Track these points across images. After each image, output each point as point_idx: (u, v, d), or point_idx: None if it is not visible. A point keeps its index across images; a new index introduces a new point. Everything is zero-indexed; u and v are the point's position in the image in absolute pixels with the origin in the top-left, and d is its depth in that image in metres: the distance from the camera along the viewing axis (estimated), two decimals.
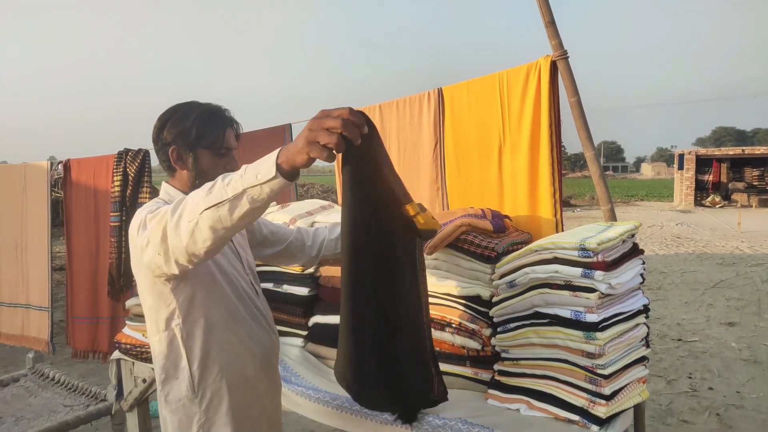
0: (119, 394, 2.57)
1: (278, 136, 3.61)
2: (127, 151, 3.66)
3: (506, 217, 2.23)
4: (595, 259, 1.58)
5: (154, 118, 1.56)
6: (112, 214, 3.63)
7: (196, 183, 1.51)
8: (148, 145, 3.50)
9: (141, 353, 2.35)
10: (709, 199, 21.43)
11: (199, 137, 1.49)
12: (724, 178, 21.91)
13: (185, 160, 1.52)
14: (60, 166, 4.20)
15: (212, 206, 1.10)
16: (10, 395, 3.27)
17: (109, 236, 3.67)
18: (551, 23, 2.10)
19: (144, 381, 2.43)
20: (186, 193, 1.51)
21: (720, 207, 20.72)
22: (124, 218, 3.60)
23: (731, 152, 22.12)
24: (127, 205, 3.59)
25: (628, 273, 1.70)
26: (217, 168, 1.52)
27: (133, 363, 2.48)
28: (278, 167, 1.06)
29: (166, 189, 1.57)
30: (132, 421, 2.58)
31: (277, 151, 1.08)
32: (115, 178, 3.64)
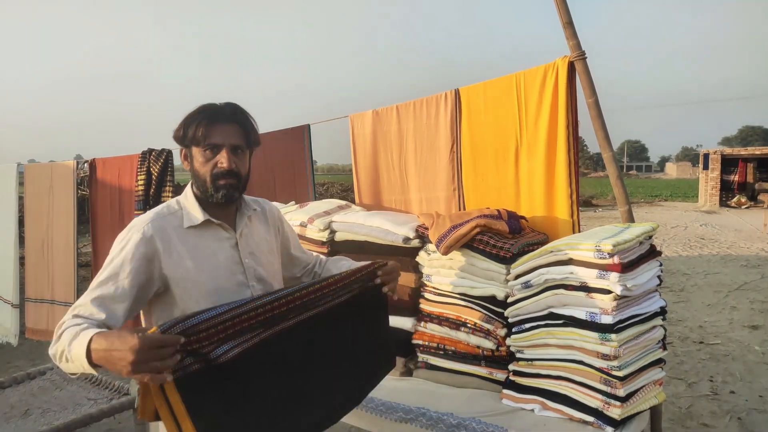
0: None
1: (297, 136, 3.65)
2: (150, 150, 3.75)
3: (522, 217, 2.23)
4: (611, 261, 1.58)
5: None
6: (136, 212, 3.73)
7: (194, 183, 1.53)
8: (171, 144, 3.57)
9: None
10: (735, 199, 20.96)
11: (185, 135, 1.50)
12: (750, 179, 21.39)
13: (188, 160, 1.55)
14: (86, 165, 4.31)
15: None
16: (37, 388, 3.35)
17: None
18: (569, 24, 2.09)
19: None
20: (195, 192, 1.54)
21: (746, 208, 20.25)
22: None
23: (758, 152, 21.55)
24: (151, 204, 3.69)
25: (645, 275, 1.69)
26: (206, 166, 1.49)
27: None
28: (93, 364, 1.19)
29: (186, 188, 1.59)
30: None
31: (87, 352, 1.18)
32: (139, 177, 3.73)
